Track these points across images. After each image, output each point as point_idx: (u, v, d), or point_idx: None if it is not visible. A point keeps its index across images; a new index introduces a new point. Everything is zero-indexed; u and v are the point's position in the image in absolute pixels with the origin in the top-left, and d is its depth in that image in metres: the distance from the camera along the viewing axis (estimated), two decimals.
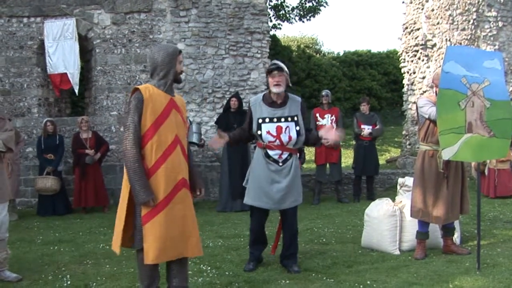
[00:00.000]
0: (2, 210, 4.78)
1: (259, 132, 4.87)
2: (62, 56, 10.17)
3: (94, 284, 4.62)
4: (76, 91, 10.52)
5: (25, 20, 10.36)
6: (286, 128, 4.82)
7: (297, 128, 4.85)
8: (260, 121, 4.88)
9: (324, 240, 6.31)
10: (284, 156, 4.86)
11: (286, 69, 4.88)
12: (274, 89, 4.84)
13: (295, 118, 4.86)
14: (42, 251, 6.05)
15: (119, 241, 3.76)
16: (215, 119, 10.05)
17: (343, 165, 10.25)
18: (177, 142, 3.82)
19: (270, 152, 4.86)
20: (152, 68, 3.88)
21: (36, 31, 10.35)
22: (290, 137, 4.82)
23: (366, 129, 9.70)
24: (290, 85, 4.95)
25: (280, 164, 4.86)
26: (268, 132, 4.84)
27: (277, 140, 4.82)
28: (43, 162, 9.22)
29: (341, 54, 22.96)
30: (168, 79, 3.86)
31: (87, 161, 9.19)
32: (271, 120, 4.85)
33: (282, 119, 4.84)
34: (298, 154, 5.13)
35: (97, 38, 10.45)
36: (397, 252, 5.56)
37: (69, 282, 4.68)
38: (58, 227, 7.85)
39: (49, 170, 9.05)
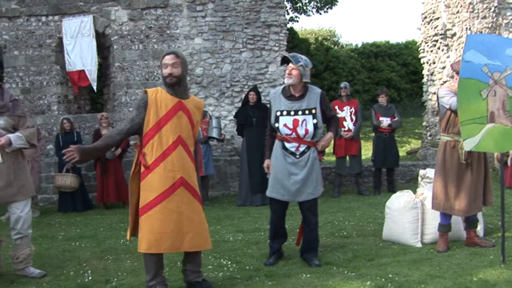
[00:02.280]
0: (25, 207, 4.83)
1: (276, 125, 4.89)
2: (80, 53, 10.27)
3: (115, 279, 4.64)
4: (94, 87, 10.60)
5: (43, 18, 10.45)
6: (302, 121, 4.80)
7: (314, 121, 4.82)
8: (278, 113, 4.89)
9: (344, 233, 6.27)
10: (302, 148, 4.85)
11: (301, 62, 4.82)
12: (285, 80, 4.92)
13: (313, 111, 4.84)
14: (63, 247, 6.11)
15: (131, 230, 4.17)
16: (233, 113, 10.05)
17: (363, 157, 10.17)
18: (178, 143, 3.99)
19: (287, 145, 4.86)
20: None
21: (54, 29, 10.44)
22: (306, 130, 4.81)
23: (385, 121, 9.61)
24: (307, 80, 4.88)
25: (297, 156, 4.85)
26: (285, 125, 4.83)
27: (294, 133, 4.82)
28: (62, 159, 9.26)
29: (360, 45, 22.80)
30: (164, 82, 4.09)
31: (107, 156, 9.22)
32: (288, 113, 4.85)
33: (299, 112, 4.83)
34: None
35: (114, 35, 10.50)
36: (419, 245, 5.49)
37: (90, 278, 4.71)
38: (79, 223, 7.92)
39: (68, 166, 9.11)
